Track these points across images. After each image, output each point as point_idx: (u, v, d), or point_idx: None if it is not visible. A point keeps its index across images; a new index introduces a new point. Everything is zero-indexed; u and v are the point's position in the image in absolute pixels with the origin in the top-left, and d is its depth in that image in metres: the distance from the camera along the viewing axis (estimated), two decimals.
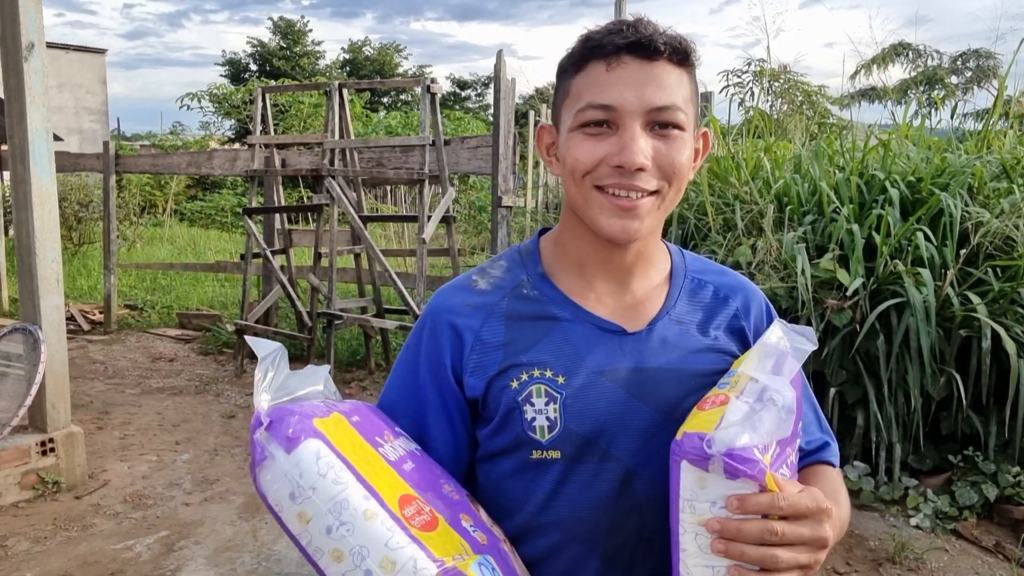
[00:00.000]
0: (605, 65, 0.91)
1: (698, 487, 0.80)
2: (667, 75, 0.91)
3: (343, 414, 0.89)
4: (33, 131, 3.65)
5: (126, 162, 8.11)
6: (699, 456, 0.79)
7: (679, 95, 0.91)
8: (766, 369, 0.89)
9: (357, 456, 0.83)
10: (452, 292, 1.04)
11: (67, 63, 20.57)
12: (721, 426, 0.80)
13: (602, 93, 0.91)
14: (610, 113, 0.90)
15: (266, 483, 0.80)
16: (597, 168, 0.92)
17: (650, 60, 0.90)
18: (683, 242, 4.30)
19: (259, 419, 0.82)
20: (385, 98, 29.37)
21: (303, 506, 0.78)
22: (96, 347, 6.99)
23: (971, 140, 4.85)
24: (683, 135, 0.92)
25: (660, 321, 1.01)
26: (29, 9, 3.59)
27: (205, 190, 18.13)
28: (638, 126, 0.90)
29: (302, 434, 0.81)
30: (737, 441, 0.78)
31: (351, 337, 6.73)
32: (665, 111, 0.90)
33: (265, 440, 0.81)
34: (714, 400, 0.87)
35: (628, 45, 0.90)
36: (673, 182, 0.93)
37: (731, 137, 5.27)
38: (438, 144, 5.40)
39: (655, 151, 0.91)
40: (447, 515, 0.85)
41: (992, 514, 3.49)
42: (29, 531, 3.45)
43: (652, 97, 0.89)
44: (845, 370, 3.67)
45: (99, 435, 4.70)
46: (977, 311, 3.42)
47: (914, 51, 13.41)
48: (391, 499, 0.80)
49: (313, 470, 0.78)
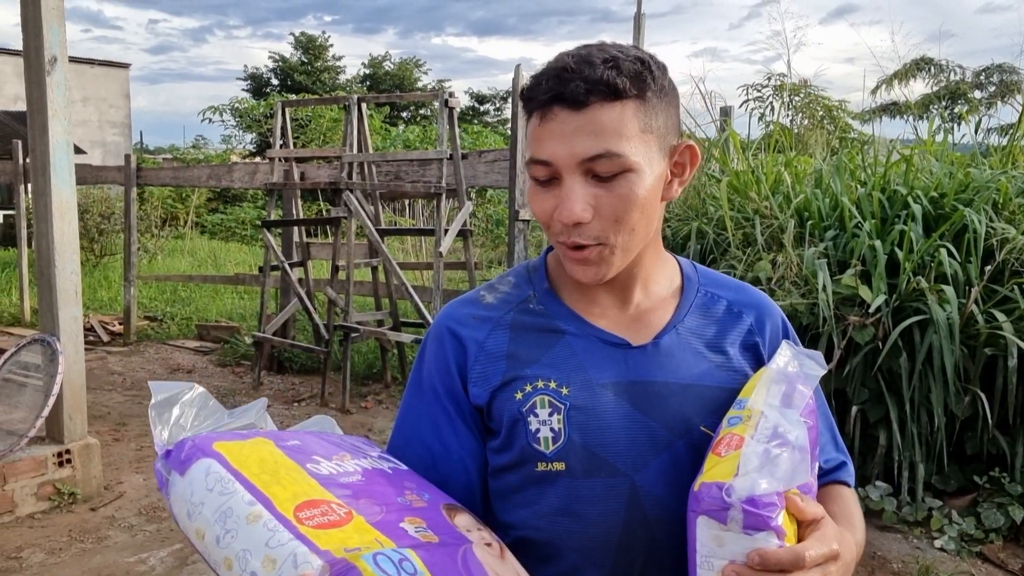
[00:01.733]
0: (539, 118, 0.89)
1: (715, 544, 0.79)
2: (600, 118, 0.86)
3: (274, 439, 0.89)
4: (54, 144, 3.68)
5: (147, 175, 8.19)
6: (718, 507, 0.78)
7: (619, 136, 0.86)
8: (776, 401, 0.87)
9: (261, 469, 0.83)
10: (459, 305, 1.05)
11: (92, 77, 20.88)
12: (739, 474, 0.78)
13: (539, 148, 0.89)
14: (548, 168, 0.89)
15: (173, 508, 0.82)
16: (551, 222, 0.92)
17: (578, 109, 0.86)
18: (702, 256, 4.26)
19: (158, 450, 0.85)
20: (404, 112, 29.56)
21: (197, 522, 0.79)
22: (115, 358, 7.03)
23: (996, 155, 4.79)
24: (631, 176, 0.88)
25: (667, 335, 1.00)
26: (52, 24, 3.63)
27: (226, 203, 18.29)
28: (576, 179, 0.88)
29: (195, 455, 0.82)
30: (756, 489, 0.77)
31: (368, 350, 6.73)
32: (599, 160, 0.86)
33: (164, 469, 0.84)
34: (728, 443, 0.85)
35: (552, 98, 0.87)
36: (621, 227, 0.90)
37: (751, 151, 5.23)
38: (456, 158, 5.41)
39: (596, 200, 0.88)
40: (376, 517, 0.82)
41: (1019, 537, 3.41)
42: (44, 542, 3.45)
43: (582, 148, 0.86)
44: (867, 388, 3.61)
45: (116, 447, 4.71)
46: (1003, 329, 3.36)
47: (936, 66, 13.30)
48: (285, 504, 0.79)
49: (202, 486, 0.79)
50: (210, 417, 0.88)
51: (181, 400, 0.88)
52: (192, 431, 0.87)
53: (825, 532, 0.80)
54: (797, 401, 0.88)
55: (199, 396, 0.88)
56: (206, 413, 0.88)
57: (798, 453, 0.80)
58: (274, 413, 5.45)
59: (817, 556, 0.77)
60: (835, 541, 0.80)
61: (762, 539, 0.77)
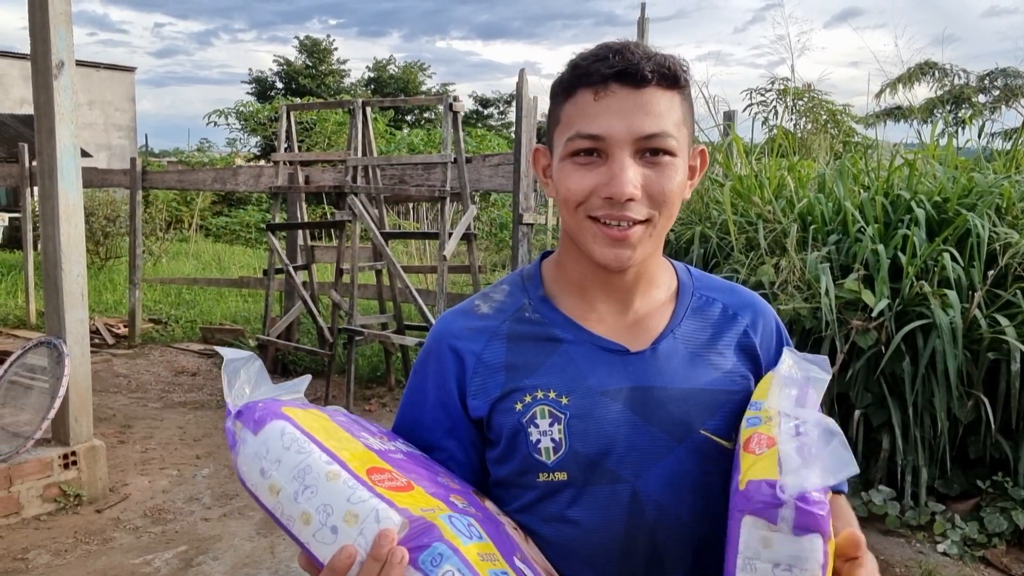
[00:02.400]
0: (593, 94, 0.90)
1: (761, 545, 0.77)
2: (657, 101, 0.89)
3: (326, 413, 0.93)
4: (61, 147, 3.70)
5: (153, 178, 8.22)
6: (769, 504, 0.76)
7: (669, 120, 0.90)
8: (790, 403, 0.87)
9: (328, 435, 0.85)
10: (454, 317, 1.05)
11: (97, 80, 20.96)
12: (785, 471, 0.77)
13: (591, 123, 0.90)
14: (599, 143, 0.90)
15: (242, 467, 0.84)
16: (589, 199, 0.91)
17: (638, 87, 0.88)
18: (705, 261, 4.27)
19: (229, 410, 0.87)
20: (408, 116, 29.60)
21: (271, 479, 0.80)
22: (120, 361, 7.05)
23: (999, 160, 4.79)
24: (674, 161, 0.91)
25: (664, 340, 1.00)
26: (60, 28, 3.65)
27: (231, 206, 18.33)
28: (627, 155, 0.89)
29: (268, 416, 0.84)
30: (808, 484, 0.76)
31: (372, 353, 6.75)
32: (654, 139, 0.89)
33: (236, 428, 0.85)
34: (759, 441, 0.84)
35: (615, 73, 0.88)
36: (664, 209, 0.92)
37: (755, 156, 5.24)
38: (460, 162, 5.43)
39: (645, 179, 0.90)
40: (431, 489, 0.86)
41: (1023, 541, 3.41)
42: (50, 544, 3.47)
43: (641, 125, 0.88)
44: (870, 392, 3.61)
45: (121, 449, 4.73)
46: (1006, 333, 3.36)
47: (940, 70, 13.29)
48: (358, 466, 0.82)
49: (278, 445, 0.81)
50: (262, 385, 0.91)
51: (245, 367, 0.91)
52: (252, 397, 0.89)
53: (869, 569, 0.81)
54: (811, 403, 0.88)
55: (257, 367, 0.91)
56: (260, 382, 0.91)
57: (836, 440, 0.79)
58: None
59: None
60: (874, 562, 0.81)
61: (808, 542, 0.75)
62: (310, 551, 0.78)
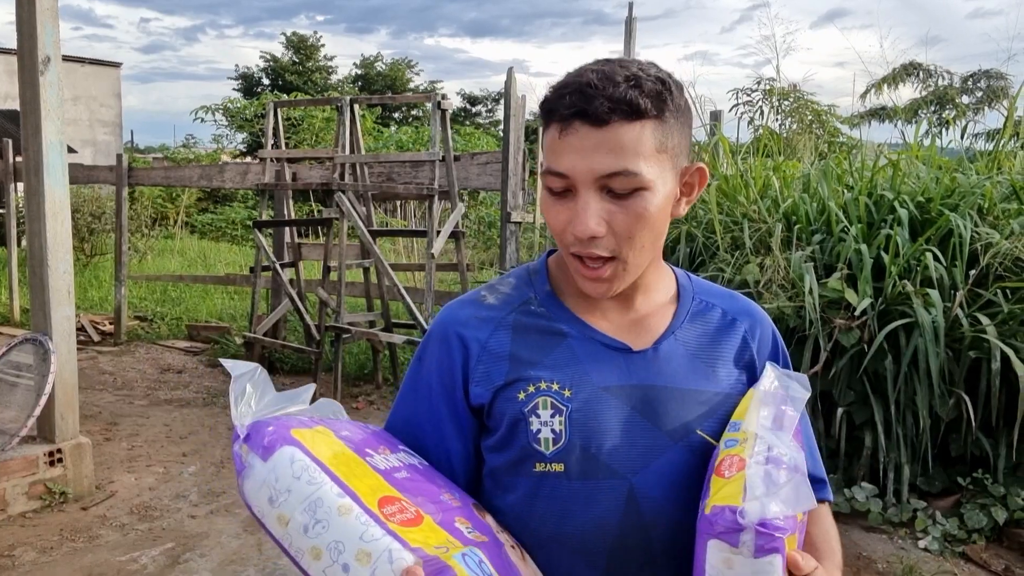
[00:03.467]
0: (559, 131, 0.91)
1: (725, 566, 0.82)
2: (620, 136, 0.88)
3: (331, 428, 0.91)
4: (47, 144, 3.69)
5: (139, 175, 8.18)
6: (731, 529, 0.81)
7: (636, 154, 0.88)
8: (768, 423, 0.91)
9: (336, 461, 0.84)
10: (460, 306, 1.06)
11: (82, 76, 20.78)
12: (748, 497, 0.82)
13: (556, 160, 0.91)
14: (565, 180, 0.91)
15: (249, 492, 0.83)
16: (564, 234, 0.94)
17: (599, 127, 0.88)
18: (691, 260, 4.30)
19: (237, 433, 0.85)
20: (396, 113, 29.54)
21: (281, 509, 0.79)
22: (106, 358, 7.02)
23: (981, 160, 4.85)
24: (644, 194, 0.90)
25: (666, 340, 1.02)
26: (46, 23, 3.64)
27: (216, 203, 18.23)
28: (591, 194, 0.90)
29: (278, 442, 0.83)
30: (767, 512, 0.80)
31: (359, 351, 6.75)
32: (616, 177, 0.88)
33: (244, 452, 0.84)
34: (730, 465, 0.87)
35: (574, 114, 0.88)
36: (633, 244, 0.93)
37: (740, 155, 5.28)
38: (448, 160, 5.43)
39: (609, 215, 0.90)
40: (437, 516, 0.86)
41: (1002, 538, 3.46)
42: (36, 541, 3.46)
43: (600, 164, 0.88)
44: (853, 390, 3.65)
45: (107, 446, 4.72)
46: (987, 332, 3.41)
47: (925, 71, 13.40)
48: (369, 498, 0.81)
49: (288, 473, 0.80)
50: (267, 395, 0.89)
51: (251, 380, 0.88)
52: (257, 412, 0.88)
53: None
54: (787, 424, 0.92)
55: (262, 377, 0.89)
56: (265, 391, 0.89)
57: (798, 476, 0.84)
58: None
59: None
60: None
61: (768, 564, 0.80)
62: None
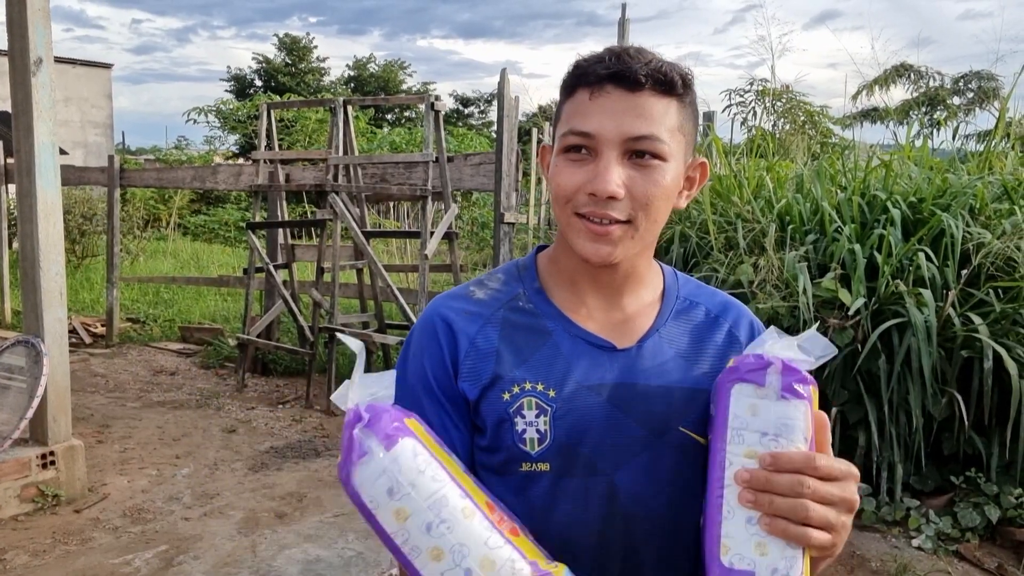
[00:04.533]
0: (589, 93, 0.93)
1: (749, 414, 0.81)
2: (650, 105, 0.92)
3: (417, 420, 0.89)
4: (39, 145, 3.67)
5: (131, 176, 8.15)
6: (756, 367, 0.81)
7: (661, 125, 0.92)
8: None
9: (444, 459, 0.83)
10: (449, 299, 1.06)
11: (74, 77, 20.69)
12: (768, 344, 0.83)
13: (583, 121, 0.93)
14: (589, 140, 0.92)
15: (362, 479, 0.79)
16: (576, 195, 0.94)
17: (632, 91, 0.91)
18: (685, 260, 4.31)
19: (358, 415, 0.81)
20: (389, 114, 29.51)
21: (402, 503, 0.77)
22: (98, 360, 6.99)
23: (973, 161, 4.87)
24: (663, 165, 0.93)
25: (650, 339, 1.02)
26: (38, 24, 3.62)
27: (209, 204, 18.18)
28: (615, 155, 0.92)
29: (401, 432, 0.80)
30: (791, 353, 0.81)
31: (353, 353, 6.73)
32: (642, 140, 0.91)
33: (364, 436, 0.79)
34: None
35: (611, 75, 0.91)
36: (647, 211, 0.94)
37: (734, 156, 5.29)
38: (441, 161, 5.43)
39: (630, 180, 0.92)
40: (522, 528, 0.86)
41: (995, 536, 3.48)
42: (28, 544, 3.44)
43: (630, 127, 0.91)
44: (847, 390, 3.66)
45: (99, 448, 4.70)
46: (979, 332, 3.42)
47: (916, 72, 13.44)
48: (481, 502, 0.81)
49: (412, 467, 0.78)
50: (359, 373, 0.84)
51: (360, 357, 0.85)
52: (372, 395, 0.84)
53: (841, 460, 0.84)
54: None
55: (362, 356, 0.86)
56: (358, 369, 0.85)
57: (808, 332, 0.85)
58: (258, 415, 5.45)
59: (832, 466, 0.80)
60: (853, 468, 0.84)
61: (793, 408, 0.79)
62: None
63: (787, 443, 0.79)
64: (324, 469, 4.48)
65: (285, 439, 4.98)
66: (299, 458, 4.65)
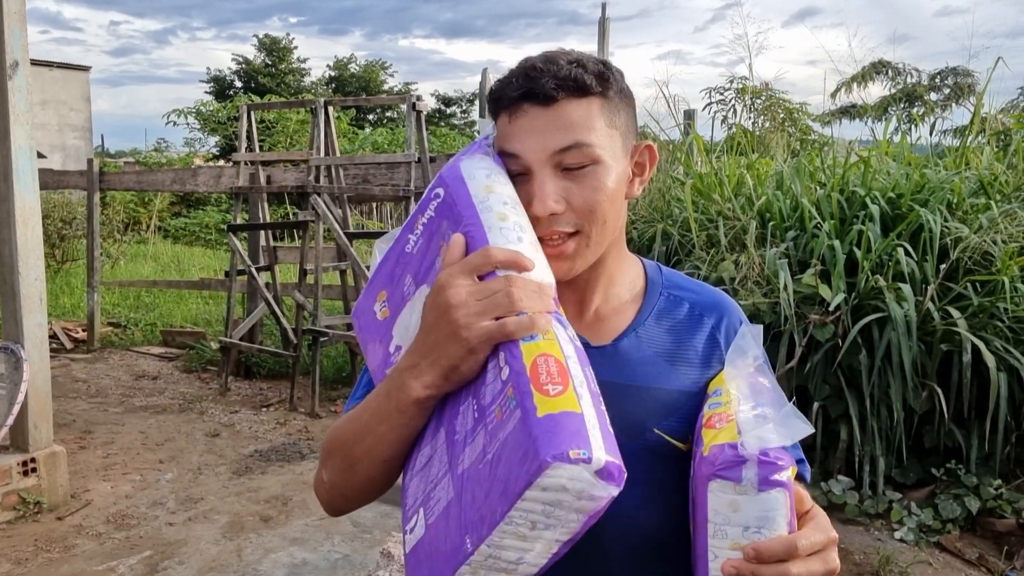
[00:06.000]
0: (508, 116, 0.93)
1: (730, 510, 0.80)
2: (569, 113, 0.90)
3: None
4: (17, 149, 3.64)
5: (110, 179, 8.08)
6: (732, 463, 0.79)
7: (587, 129, 0.91)
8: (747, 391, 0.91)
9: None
10: None
11: (50, 80, 20.49)
12: (744, 432, 0.81)
13: (508, 143, 0.92)
14: (518, 162, 0.92)
15: (471, 162, 0.92)
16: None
17: (547, 105, 0.90)
18: (667, 258, 4.33)
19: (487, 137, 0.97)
20: (371, 115, 29.42)
21: (493, 183, 0.89)
22: (79, 365, 6.93)
23: (949, 156, 4.93)
24: (599, 168, 0.92)
25: (626, 338, 1.01)
26: (14, 27, 3.59)
27: (189, 207, 18.04)
28: (546, 172, 0.91)
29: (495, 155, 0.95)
30: (767, 442, 0.79)
31: (337, 354, 6.72)
32: (570, 151, 0.90)
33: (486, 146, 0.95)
34: (720, 418, 0.87)
35: (523, 95, 0.91)
36: (595, 218, 0.93)
37: (714, 154, 5.32)
38: (424, 161, 5.43)
39: (567, 192, 0.91)
40: None
41: (975, 527, 3.52)
42: (10, 552, 3.41)
43: (553, 141, 0.90)
44: (828, 384, 3.70)
45: (82, 454, 4.66)
46: (957, 325, 3.47)
47: (893, 69, 13.57)
48: None
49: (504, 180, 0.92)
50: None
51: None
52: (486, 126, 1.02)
53: (819, 521, 0.82)
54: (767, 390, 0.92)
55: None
56: None
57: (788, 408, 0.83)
58: (242, 419, 5.43)
59: (814, 543, 0.79)
60: (831, 529, 0.82)
61: (773, 499, 0.78)
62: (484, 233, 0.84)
63: (769, 532, 0.79)
64: (309, 472, 4.46)
65: (269, 442, 4.96)
66: (284, 461, 4.63)
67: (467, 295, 0.79)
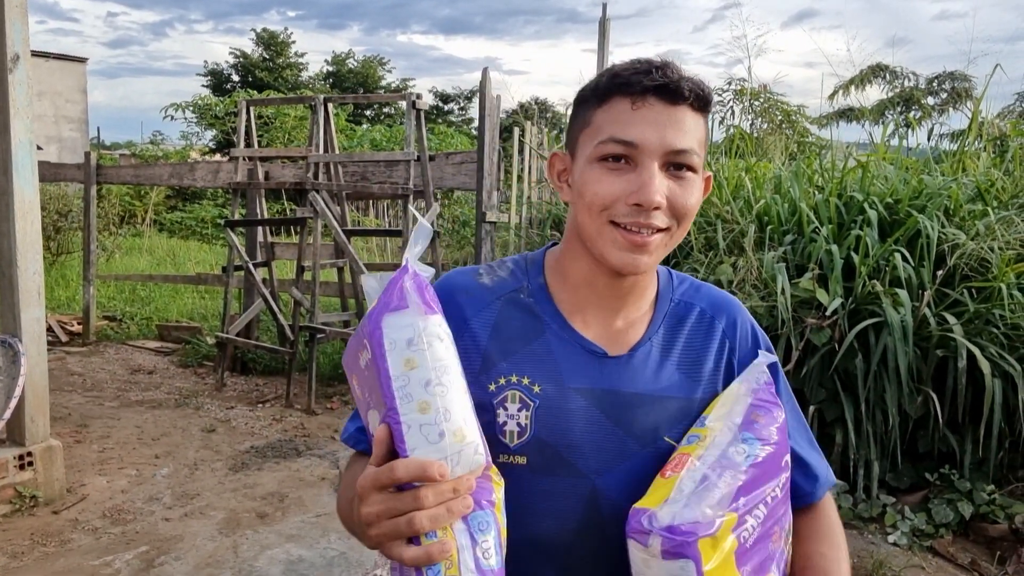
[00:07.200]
0: (630, 103, 0.94)
1: (644, 566, 0.86)
2: (687, 119, 0.94)
3: None
4: (16, 142, 3.63)
5: (108, 173, 8.06)
6: (639, 531, 0.86)
7: (695, 139, 0.95)
8: (738, 419, 0.94)
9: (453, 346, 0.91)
10: (459, 275, 1.08)
11: (47, 71, 20.42)
12: (669, 500, 0.86)
13: (625, 129, 0.93)
14: (631, 150, 0.93)
15: (391, 324, 0.85)
16: (614, 204, 0.94)
17: (674, 104, 0.94)
18: (666, 260, 4.33)
19: (411, 271, 0.87)
20: (368, 111, 29.37)
21: (416, 355, 0.82)
22: (74, 359, 6.92)
23: (947, 162, 4.95)
24: (695, 178, 0.96)
25: (642, 347, 1.03)
26: (15, 20, 3.58)
27: (185, 201, 18.00)
28: (656, 166, 0.93)
29: (436, 305, 0.87)
30: (677, 519, 0.84)
31: (333, 351, 6.72)
32: (682, 154, 0.94)
33: (411, 291, 0.86)
34: (676, 464, 0.92)
35: (655, 87, 0.93)
36: (683, 222, 0.97)
37: (713, 156, 5.33)
38: (423, 160, 5.43)
39: (669, 191, 0.94)
40: None
41: (968, 532, 3.54)
42: (6, 546, 3.41)
43: (672, 139, 0.93)
44: (824, 388, 3.71)
45: (77, 448, 4.65)
46: (953, 331, 3.48)
47: (891, 72, 13.60)
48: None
49: (435, 335, 0.84)
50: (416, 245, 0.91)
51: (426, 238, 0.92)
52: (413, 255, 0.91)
53: None
54: (762, 418, 0.94)
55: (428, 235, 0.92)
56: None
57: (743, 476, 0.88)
58: (238, 415, 5.42)
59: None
60: None
61: (679, 567, 0.83)
62: (402, 432, 0.79)
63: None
64: (305, 469, 4.47)
65: (265, 439, 4.97)
66: (280, 458, 4.64)
67: (376, 515, 0.80)
